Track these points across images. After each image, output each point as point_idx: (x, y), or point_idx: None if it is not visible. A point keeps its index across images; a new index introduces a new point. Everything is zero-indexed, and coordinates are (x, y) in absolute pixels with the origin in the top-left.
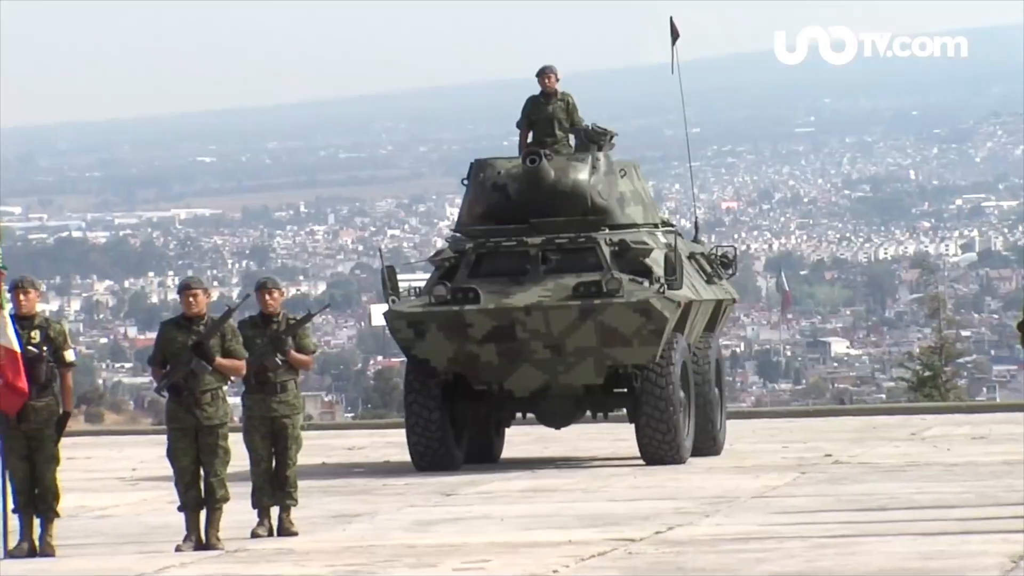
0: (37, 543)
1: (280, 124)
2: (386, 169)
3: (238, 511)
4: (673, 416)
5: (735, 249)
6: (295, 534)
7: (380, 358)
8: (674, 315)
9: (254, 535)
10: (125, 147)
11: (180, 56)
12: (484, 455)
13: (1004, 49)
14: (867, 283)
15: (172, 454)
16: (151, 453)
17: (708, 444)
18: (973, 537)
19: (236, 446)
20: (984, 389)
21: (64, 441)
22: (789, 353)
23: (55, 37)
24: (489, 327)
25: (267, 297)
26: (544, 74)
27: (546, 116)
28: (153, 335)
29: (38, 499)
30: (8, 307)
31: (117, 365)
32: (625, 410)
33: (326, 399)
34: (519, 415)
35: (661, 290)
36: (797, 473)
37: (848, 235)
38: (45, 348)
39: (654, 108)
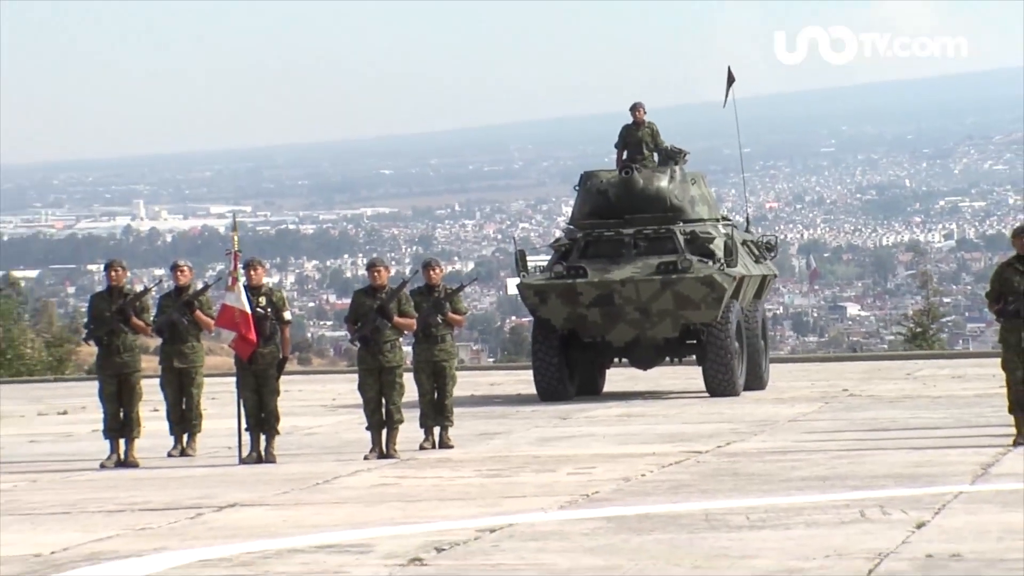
0: (263, 453)
1: (439, 145)
2: (518, 179)
3: (409, 430)
4: (730, 361)
5: (776, 238)
6: (451, 447)
7: (514, 318)
8: (731, 286)
9: (421, 448)
10: (326, 163)
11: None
12: (590, 389)
13: (976, 89)
14: (873, 263)
15: (361, 388)
16: (346, 387)
17: (756, 382)
18: (952, 451)
19: (408, 382)
20: (960, 341)
21: (282, 378)
22: (815, 314)
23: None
24: (594, 295)
25: (431, 272)
26: (635, 108)
27: (636, 139)
28: (348, 301)
29: (263, 421)
30: (242, 280)
31: (321, 322)
32: (695, 356)
33: (474, 348)
34: (616, 360)
35: (721, 268)
36: (821, 403)
37: (860, 227)
38: (269, 310)
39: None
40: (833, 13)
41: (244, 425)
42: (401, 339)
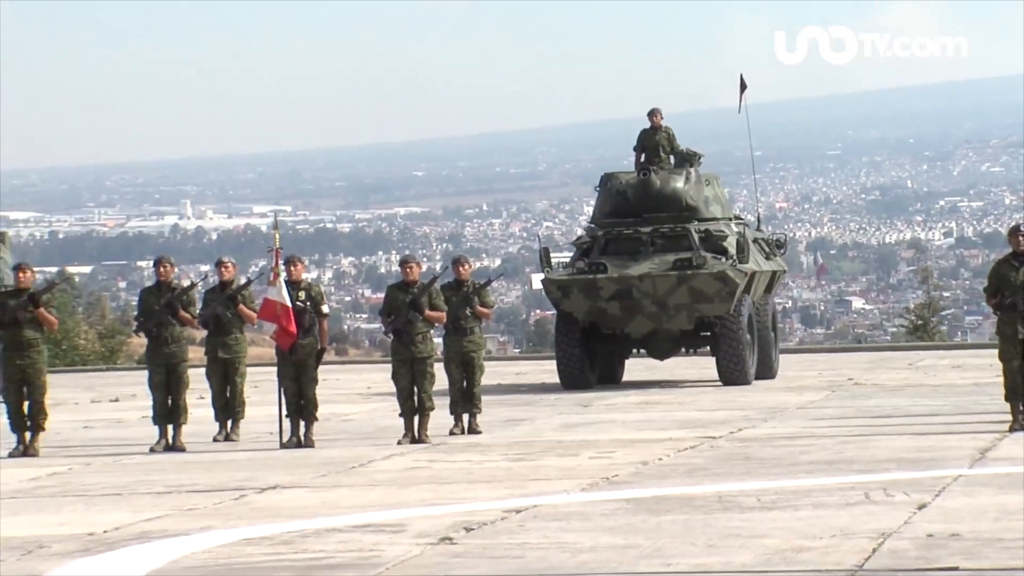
0: (302, 438)
1: (468, 149)
2: (542, 180)
3: (440, 417)
4: (742, 351)
5: (785, 236)
6: (479, 432)
7: (538, 311)
8: (743, 281)
9: (451, 433)
10: (362, 165)
11: (397, 96)
12: (610, 378)
13: (974, 95)
14: (877, 259)
15: (395, 377)
16: (380, 376)
17: (766, 371)
18: (952, 436)
19: (439, 372)
20: (959, 333)
21: (320, 367)
22: (822, 308)
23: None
24: (614, 290)
25: (460, 268)
26: (653, 113)
27: (654, 143)
28: (382, 295)
29: (303, 408)
30: (283, 275)
31: (357, 315)
32: (709, 347)
33: (500, 339)
34: (634, 351)
35: (733, 264)
36: (828, 391)
37: (864, 226)
38: (308, 304)
39: (727, 138)
40: (833, 13)
41: (284, 412)
42: (432, 331)
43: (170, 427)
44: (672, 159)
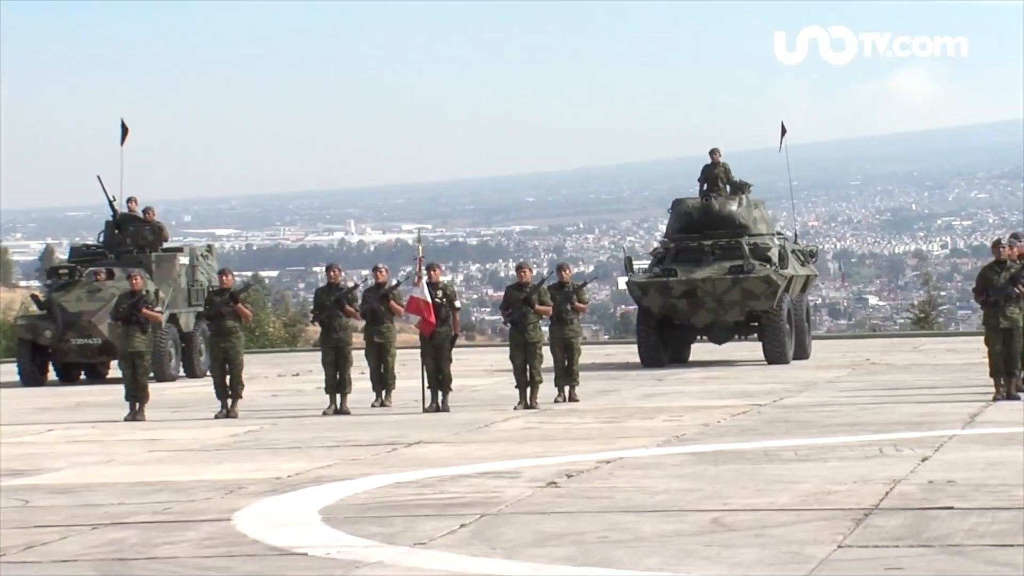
0: (440, 405)
1: (568, 180)
2: (626, 204)
3: (547, 389)
4: (783, 338)
5: (816, 247)
6: (577, 401)
7: (623, 306)
8: (783, 283)
9: (556, 402)
10: (486, 192)
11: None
12: (679, 359)
13: (965, 138)
14: (888, 266)
15: (511, 357)
16: (500, 357)
17: (801, 353)
18: (947, 404)
19: (546, 353)
20: (953, 324)
21: (454, 350)
22: (845, 304)
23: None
24: (682, 289)
25: (562, 273)
26: (713, 152)
27: (713, 175)
28: (502, 293)
29: (440, 382)
30: (425, 278)
31: (482, 309)
32: (756, 335)
33: (594, 328)
34: (698, 337)
35: (776, 270)
36: (850, 369)
37: (878, 240)
38: (444, 300)
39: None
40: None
41: (426, 384)
42: (540, 321)
43: (338, 396)
44: (728, 188)
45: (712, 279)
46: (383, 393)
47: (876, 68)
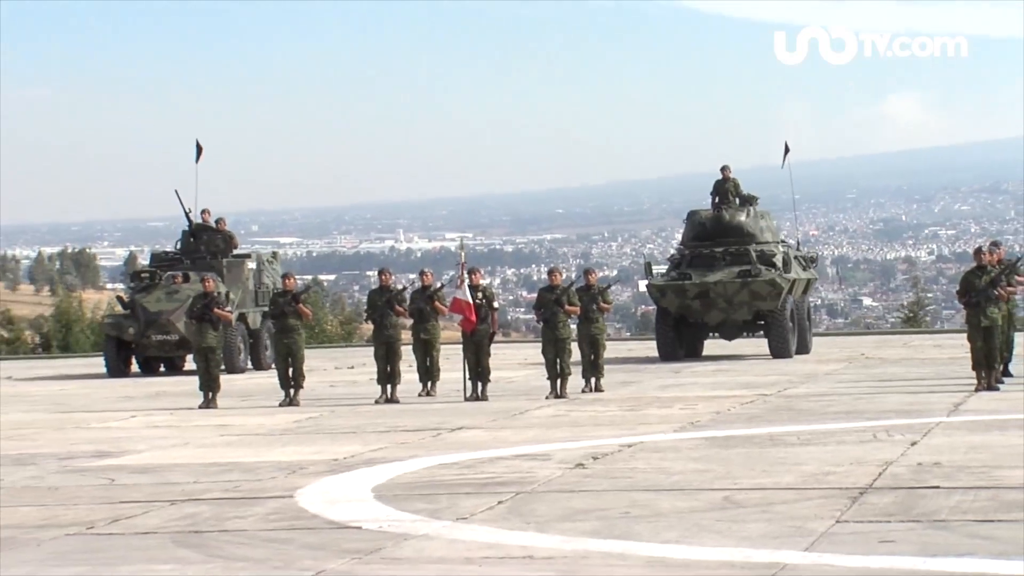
0: (479, 394)
1: (594, 194)
2: (646, 215)
3: (575, 380)
4: (786, 335)
5: (816, 254)
6: (603, 391)
7: (643, 306)
8: (787, 286)
9: (583, 391)
10: (520, 205)
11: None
12: (693, 354)
13: (949, 157)
14: (881, 271)
15: (543, 352)
16: (533, 352)
17: (803, 349)
18: (934, 394)
19: (574, 348)
20: (939, 322)
21: (492, 345)
22: (842, 305)
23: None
24: (696, 291)
25: (588, 277)
26: (724, 168)
27: (724, 190)
28: (535, 295)
29: (480, 374)
30: (466, 281)
31: (517, 309)
32: (763, 332)
33: (617, 326)
34: (711, 334)
35: (780, 274)
36: (847, 363)
37: (872, 247)
38: (483, 300)
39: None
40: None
41: (467, 376)
42: (569, 320)
43: (389, 386)
44: (737, 200)
45: (723, 282)
46: (429, 384)
47: (873, 88)
